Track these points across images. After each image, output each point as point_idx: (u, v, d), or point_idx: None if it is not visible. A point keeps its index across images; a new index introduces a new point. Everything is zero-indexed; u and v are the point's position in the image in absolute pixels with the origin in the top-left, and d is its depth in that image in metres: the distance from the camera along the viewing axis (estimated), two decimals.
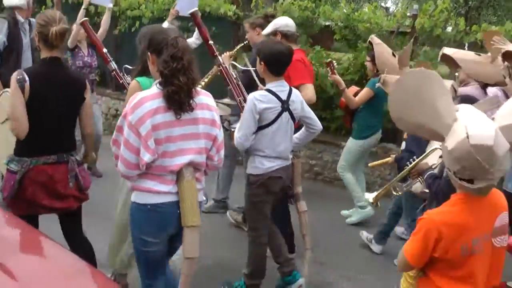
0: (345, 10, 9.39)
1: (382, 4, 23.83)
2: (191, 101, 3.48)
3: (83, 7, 7.43)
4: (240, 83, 5.36)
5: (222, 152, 3.80)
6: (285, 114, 4.68)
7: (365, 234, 6.50)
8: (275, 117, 4.64)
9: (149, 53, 3.62)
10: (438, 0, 8.63)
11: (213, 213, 6.91)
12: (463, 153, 2.50)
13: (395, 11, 25.20)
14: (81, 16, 7.21)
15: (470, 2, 12.71)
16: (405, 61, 5.84)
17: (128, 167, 3.48)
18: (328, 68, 6.66)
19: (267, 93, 4.63)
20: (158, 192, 3.53)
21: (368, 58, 7.02)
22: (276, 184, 4.78)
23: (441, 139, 2.67)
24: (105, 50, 5.00)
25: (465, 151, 2.49)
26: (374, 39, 6.56)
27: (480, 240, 2.75)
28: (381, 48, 6.46)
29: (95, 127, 7.82)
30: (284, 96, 4.67)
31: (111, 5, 7.88)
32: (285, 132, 4.74)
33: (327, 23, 9.44)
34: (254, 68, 5.08)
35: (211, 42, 5.36)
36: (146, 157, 3.39)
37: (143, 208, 3.56)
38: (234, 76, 5.40)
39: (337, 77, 6.65)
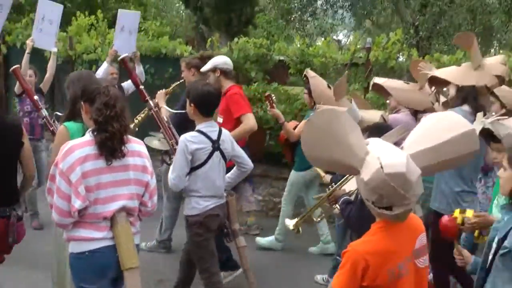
0: (298, 45, 9.50)
1: (334, 37, 24.20)
2: (123, 148, 3.57)
3: (27, 51, 7.42)
4: (171, 126, 5.53)
5: (155, 198, 3.88)
6: (217, 154, 4.81)
7: (319, 277, 6.42)
8: (207, 157, 4.76)
9: (82, 103, 3.70)
10: (390, 32, 8.79)
11: (154, 252, 6.92)
12: (379, 183, 2.60)
13: (347, 43, 25.64)
14: (25, 61, 7.25)
15: (420, 33, 13.00)
16: (341, 93, 5.98)
17: (61, 215, 3.50)
18: (267, 102, 6.70)
19: (198, 133, 4.76)
20: (93, 239, 3.56)
21: (305, 91, 7.09)
22: (214, 222, 4.89)
23: (356, 172, 2.74)
24: (36, 97, 5.12)
25: (381, 180, 2.59)
26: (309, 72, 6.69)
27: (404, 263, 2.81)
28: (317, 81, 6.59)
29: (41, 180, 7.74)
30: (214, 136, 4.80)
31: (55, 49, 7.86)
32: (218, 171, 4.87)
33: (281, 58, 9.54)
34: (184, 111, 5.15)
35: (141, 87, 5.69)
36: (77, 204, 3.42)
37: (81, 256, 3.58)
38: (166, 119, 5.55)
39: (276, 111, 6.72)
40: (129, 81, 7.24)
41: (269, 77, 9.31)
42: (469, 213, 3.83)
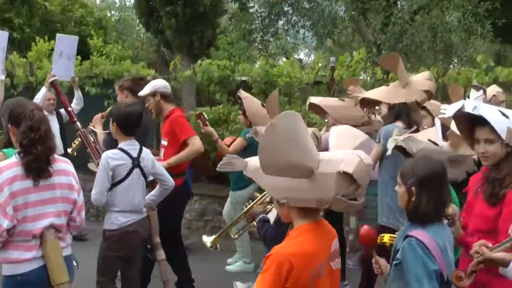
0: (260, 65, 9.50)
1: (296, 56, 24.34)
2: (49, 168, 3.71)
3: None
4: (98, 146, 5.99)
5: (83, 213, 4.05)
6: (136, 170, 5.05)
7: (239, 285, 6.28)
8: (127, 173, 4.99)
9: (9, 125, 3.83)
10: (352, 51, 8.83)
11: None
12: (364, 173, 2.83)
13: (308, 62, 25.74)
14: None
15: (383, 51, 13.11)
16: (273, 110, 6.00)
17: None
18: (199, 120, 6.67)
19: (119, 151, 5.02)
20: (23, 260, 3.67)
21: (240, 112, 7.16)
22: (132, 238, 5.04)
23: (310, 174, 2.81)
24: None
25: (364, 171, 2.84)
26: (242, 93, 6.72)
27: (323, 264, 2.95)
28: (250, 101, 6.64)
29: None
30: (135, 154, 5.06)
31: (3, 77, 7.69)
32: (138, 187, 5.08)
33: (243, 79, 9.52)
34: (108, 131, 5.43)
35: (70, 108, 6.31)
36: (5, 223, 3.54)
37: (13, 279, 3.69)
38: (92, 140, 6.04)
39: (209, 128, 6.71)
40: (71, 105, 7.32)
41: (233, 98, 9.26)
42: (386, 237, 3.87)
